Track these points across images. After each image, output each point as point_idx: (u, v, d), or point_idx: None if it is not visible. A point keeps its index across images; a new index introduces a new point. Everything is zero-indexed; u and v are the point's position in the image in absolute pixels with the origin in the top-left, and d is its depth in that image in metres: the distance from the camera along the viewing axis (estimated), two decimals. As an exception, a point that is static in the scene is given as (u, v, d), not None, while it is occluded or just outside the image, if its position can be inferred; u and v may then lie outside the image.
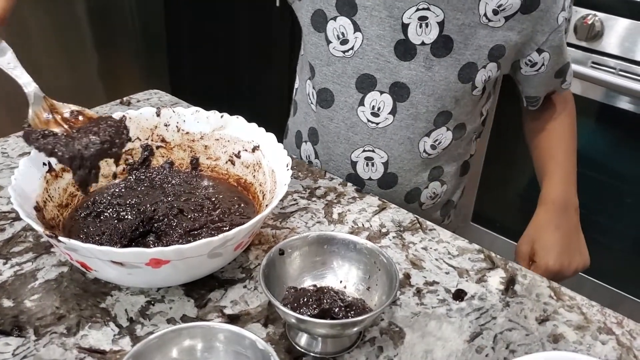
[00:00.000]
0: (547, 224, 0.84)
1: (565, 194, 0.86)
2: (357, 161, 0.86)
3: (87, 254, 0.55)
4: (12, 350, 0.56)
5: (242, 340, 0.50)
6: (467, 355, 0.59)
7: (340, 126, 0.85)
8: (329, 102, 0.84)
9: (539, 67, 0.83)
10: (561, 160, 0.88)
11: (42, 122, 0.62)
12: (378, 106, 0.81)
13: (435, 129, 0.83)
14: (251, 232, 0.62)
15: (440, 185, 0.91)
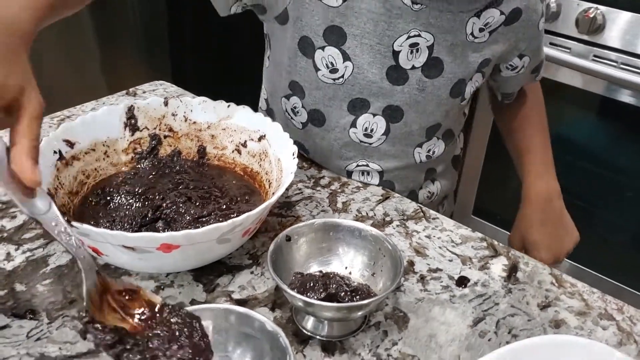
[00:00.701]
0: (533, 221, 0.87)
1: (546, 186, 0.88)
2: (352, 171, 0.85)
3: (99, 239, 0.56)
4: (26, 332, 0.57)
5: (251, 322, 0.52)
6: (471, 339, 0.60)
7: (333, 145, 0.83)
8: (320, 121, 0.82)
9: (519, 70, 0.84)
10: (538, 152, 0.91)
11: (95, 304, 0.48)
12: (371, 127, 0.80)
13: (427, 141, 0.84)
14: (258, 219, 0.63)
15: (433, 184, 0.92)
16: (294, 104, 0.83)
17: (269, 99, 0.89)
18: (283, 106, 0.85)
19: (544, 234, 0.86)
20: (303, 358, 0.57)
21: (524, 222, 0.88)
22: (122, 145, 0.75)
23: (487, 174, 1.77)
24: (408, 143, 0.83)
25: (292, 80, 0.81)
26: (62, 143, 0.68)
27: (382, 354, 0.58)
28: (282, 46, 0.80)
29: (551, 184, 0.89)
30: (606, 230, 1.57)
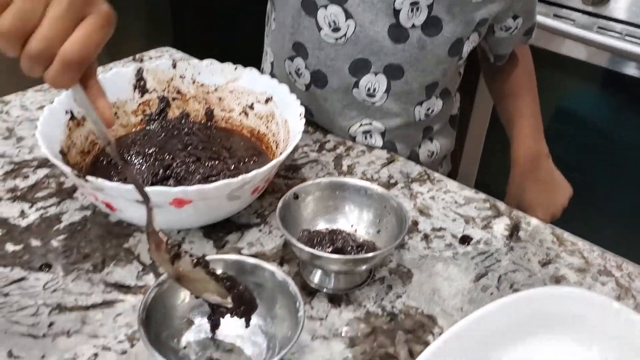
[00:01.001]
0: (524, 183, 0.90)
1: (534, 147, 0.91)
2: (356, 135, 0.87)
3: (113, 193, 0.58)
4: (43, 284, 0.59)
5: (261, 272, 0.53)
6: (473, 293, 0.62)
7: (336, 105, 0.85)
8: (323, 83, 0.83)
9: (513, 31, 0.86)
10: (527, 118, 0.93)
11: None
12: (373, 87, 0.82)
13: (426, 100, 0.86)
14: (267, 177, 0.64)
15: (432, 143, 0.94)
16: (297, 66, 0.84)
17: (274, 62, 0.90)
18: (287, 68, 0.86)
19: (536, 194, 0.89)
20: (311, 309, 0.59)
21: (516, 185, 0.91)
22: (131, 107, 0.76)
23: (489, 148, 1.78)
24: (408, 101, 0.84)
25: (295, 41, 0.82)
26: (73, 103, 0.69)
27: (387, 306, 0.60)
28: (286, 6, 0.82)
29: (539, 146, 0.91)
30: (607, 203, 1.58)
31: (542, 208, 0.88)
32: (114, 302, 0.58)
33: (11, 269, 0.61)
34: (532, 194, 0.89)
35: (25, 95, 0.91)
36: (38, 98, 0.90)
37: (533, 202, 0.89)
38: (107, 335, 0.55)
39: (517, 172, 0.92)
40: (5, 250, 0.63)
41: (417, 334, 0.57)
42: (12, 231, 0.65)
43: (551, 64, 1.52)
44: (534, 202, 0.89)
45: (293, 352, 0.54)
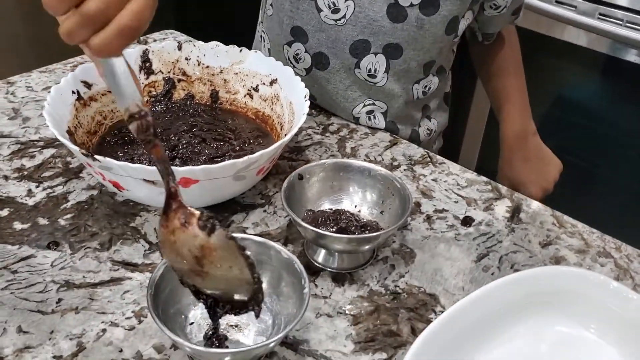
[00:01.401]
0: (514, 161, 0.92)
1: (522, 126, 0.93)
2: (359, 117, 0.87)
3: (120, 173, 0.58)
4: (51, 262, 0.60)
5: (267, 250, 0.54)
6: (474, 273, 0.63)
7: (339, 86, 0.85)
8: (324, 65, 0.84)
9: (502, 9, 0.87)
10: (514, 97, 0.95)
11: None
12: (374, 68, 0.82)
13: (424, 78, 0.87)
14: (272, 157, 0.65)
15: (430, 122, 0.96)
16: (296, 51, 0.85)
17: (271, 49, 0.91)
18: (285, 54, 0.86)
19: (527, 170, 0.91)
20: (315, 288, 0.60)
21: (507, 164, 0.93)
22: (137, 88, 0.76)
23: (490, 133, 1.78)
24: (407, 80, 0.86)
25: (294, 26, 0.83)
26: (80, 84, 0.70)
27: (390, 285, 0.61)
28: None
29: (526, 124, 0.93)
30: (607, 190, 1.60)
31: (534, 184, 0.90)
32: (122, 280, 0.59)
33: (19, 246, 0.62)
34: (523, 172, 0.91)
35: (31, 76, 0.91)
36: (43, 79, 0.90)
37: (524, 179, 0.91)
38: (115, 312, 0.56)
39: (506, 151, 0.94)
40: (13, 229, 0.64)
41: (419, 312, 0.58)
42: (20, 210, 0.66)
43: (552, 50, 1.52)
44: (525, 179, 0.91)
45: (297, 329, 0.55)
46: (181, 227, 0.47)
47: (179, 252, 0.48)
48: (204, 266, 0.48)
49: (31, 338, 0.53)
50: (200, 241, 0.47)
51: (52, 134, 0.60)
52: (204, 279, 0.49)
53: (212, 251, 0.47)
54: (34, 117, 0.81)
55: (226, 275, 0.48)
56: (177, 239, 0.47)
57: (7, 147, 0.75)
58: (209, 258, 0.47)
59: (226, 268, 0.48)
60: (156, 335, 0.54)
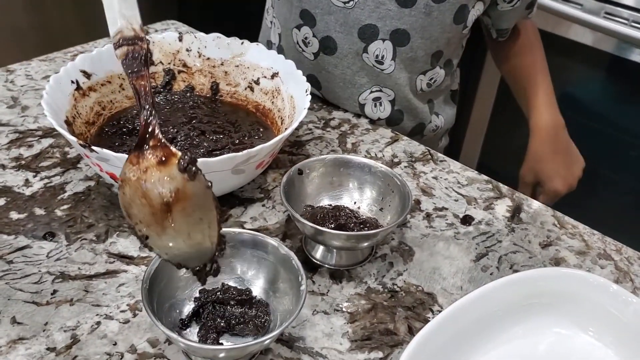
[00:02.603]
0: (544, 153, 0.90)
1: (552, 119, 0.91)
2: (365, 103, 0.87)
3: (117, 164, 0.58)
4: (46, 252, 0.60)
5: (265, 246, 0.54)
6: (473, 273, 0.63)
7: (346, 72, 0.85)
8: (332, 49, 0.84)
9: (515, 3, 0.87)
10: (541, 88, 0.93)
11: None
12: (382, 54, 0.82)
13: (431, 69, 0.87)
14: (272, 151, 0.64)
15: (437, 117, 0.96)
16: (305, 35, 0.84)
17: (282, 33, 0.90)
18: (294, 38, 0.86)
19: (556, 164, 0.90)
20: (312, 284, 0.59)
21: (536, 155, 0.91)
22: (137, 79, 0.76)
23: (492, 131, 1.78)
24: (414, 70, 0.85)
25: (303, 9, 0.82)
26: (79, 73, 0.69)
27: (388, 282, 0.60)
28: None
29: (556, 117, 0.92)
30: (610, 191, 1.59)
31: (561, 178, 0.89)
32: (117, 272, 0.59)
33: (15, 236, 0.61)
34: (552, 165, 0.90)
35: (31, 64, 0.90)
36: (43, 67, 0.90)
37: (552, 172, 0.90)
38: (110, 305, 0.55)
39: (536, 143, 0.91)
40: (9, 218, 0.63)
41: (416, 310, 0.58)
42: (17, 199, 0.66)
43: (557, 48, 1.51)
44: (553, 172, 0.90)
45: (294, 326, 0.55)
46: (157, 165, 0.42)
47: (146, 193, 0.43)
48: (172, 213, 0.43)
49: (25, 329, 0.52)
50: (177, 184, 0.42)
51: (50, 124, 0.59)
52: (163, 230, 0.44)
53: (187, 197, 0.42)
54: (32, 106, 0.81)
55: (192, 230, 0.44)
56: (147, 178, 0.42)
57: (5, 136, 0.75)
58: (181, 205, 0.43)
59: (196, 219, 0.43)
60: (151, 330, 0.53)
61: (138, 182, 0.43)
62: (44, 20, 1.86)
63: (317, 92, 0.90)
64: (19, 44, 1.76)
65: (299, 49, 0.86)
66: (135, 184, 0.43)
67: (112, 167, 0.59)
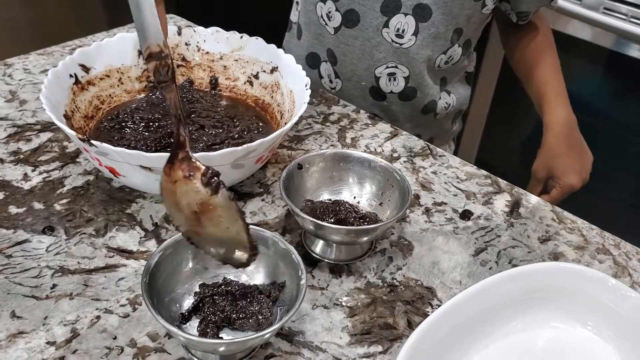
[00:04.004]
0: (559, 149, 0.91)
1: (567, 116, 0.92)
2: (380, 76, 0.90)
3: (117, 158, 0.58)
4: (45, 247, 0.60)
5: (265, 240, 0.54)
6: (472, 267, 0.63)
7: (365, 44, 0.88)
8: (354, 22, 0.87)
9: None
10: (556, 85, 0.95)
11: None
12: (403, 28, 0.85)
13: (451, 47, 0.89)
14: (271, 146, 0.64)
15: (448, 95, 0.98)
16: (328, 9, 0.87)
17: (301, 10, 0.93)
18: (318, 11, 0.89)
19: (572, 159, 0.91)
20: (312, 278, 0.59)
21: (551, 151, 0.92)
22: (135, 73, 0.76)
23: (491, 127, 1.78)
24: (434, 48, 0.88)
25: None
26: (77, 67, 0.69)
27: (387, 277, 0.60)
28: None
29: (570, 114, 0.93)
30: (608, 186, 1.59)
31: (576, 173, 0.90)
32: (117, 267, 0.59)
33: (14, 231, 0.61)
34: (566, 160, 0.91)
35: (29, 58, 0.90)
36: (41, 61, 0.89)
37: (567, 168, 0.90)
38: (110, 299, 0.55)
39: (550, 139, 0.92)
40: (8, 212, 0.63)
41: (416, 305, 0.58)
42: (15, 194, 0.66)
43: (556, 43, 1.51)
44: (567, 167, 0.90)
45: (294, 320, 0.55)
46: (184, 179, 0.46)
47: (179, 203, 0.47)
48: (202, 222, 0.47)
49: (25, 323, 0.52)
50: (202, 197, 0.46)
51: (49, 118, 0.59)
52: (198, 235, 0.49)
53: (212, 209, 0.46)
54: (31, 100, 0.80)
55: (222, 236, 0.48)
56: (178, 190, 0.46)
57: (4, 130, 0.75)
58: (208, 215, 0.46)
59: (223, 228, 0.47)
60: (150, 324, 0.53)
61: (171, 193, 0.47)
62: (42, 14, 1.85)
63: (332, 67, 0.92)
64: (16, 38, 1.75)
65: (322, 22, 0.90)
66: (168, 193, 0.48)
67: (111, 161, 0.59)
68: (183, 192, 0.46)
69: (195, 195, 0.46)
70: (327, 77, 0.96)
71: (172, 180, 0.47)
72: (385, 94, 0.92)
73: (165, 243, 0.52)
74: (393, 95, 0.92)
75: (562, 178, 0.90)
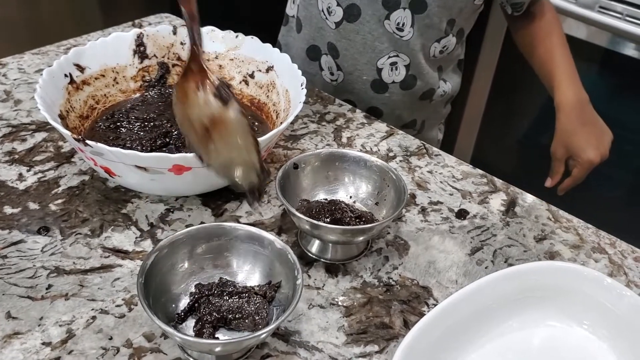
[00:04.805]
0: (573, 127, 0.91)
1: (577, 94, 0.92)
2: (382, 68, 0.92)
3: (112, 158, 0.57)
4: (41, 247, 0.60)
5: (261, 240, 0.54)
6: (468, 266, 0.63)
7: (367, 37, 0.89)
8: (356, 16, 0.88)
9: None
10: (564, 65, 0.94)
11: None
12: (402, 22, 0.87)
13: (445, 37, 0.91)
14: (267, 146, 0.64)
15: (445, 83, 1.00)
16: (329, 3, 0.89)
17: (302, 3, 0.93)
18: (319, 5, 0.90)
19: (587, 135, 0.91)
20: (308, 278, 0.59)
21: (565, 130, 0.92)
22: (131, 73, 0.75)
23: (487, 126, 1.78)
24: (429, 37, 0.89)
25: None
26: (72, 67, 0.69)
27: (383, 276, 0.60)
28: None
29: (580, 93, 0.93)
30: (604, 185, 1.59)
31: (593, 148, 0.90)
32: (112, 267, 0.58)
33: (9, 231, 0.61)
34: (582, 136, 0.91)
35: (23, 57, 0.90)
36: (36, 61, 0.89)
37: (583, 143, 0.90)
38: (105, 299, 0.55)
39: (563, 118, 0.92)
40: (3, 213, 0.63)
41: (412, 304, 0.58)
42: (10, 194, 0.65)
43: (551, 42, 1.51)
44: (584, 143, 0.90)
45: (290, 320, 0.55)
46: (195, 90, 0.46)
47: (190, 118, 0.46)
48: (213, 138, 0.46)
49: (20, 324, 0.52)
50: (213, 110, 0.45)
51: (44, 118, 0.59)
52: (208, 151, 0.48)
53: (223, 123, 0.45)
54: (25, 99, 0.80)
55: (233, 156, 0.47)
56: (190, 103, 0.46)
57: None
58: (219, 130, 0.46)
59: (234, 143, 0.46)
60: (146, 324, 0.53)
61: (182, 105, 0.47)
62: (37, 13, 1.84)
63: (334, 60, 0.93)
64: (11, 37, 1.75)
65: (323, 17, 0.90)
66: (179, 107, 0.47)
67: (106, 161, 0.59)
68: (195, 105, 0.46)
69: (206, 108, 0.45)
70: (327, 70, 0.96)
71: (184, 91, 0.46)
72: (387, 84, 0.93)
73: (160, 243, 0.52)
74: (395, 85, 0.93)
75: (580, 154, 0.90)
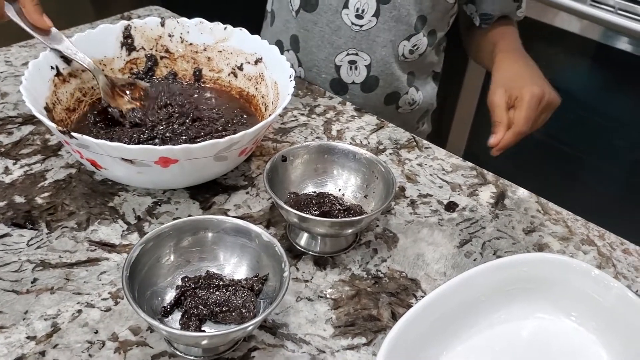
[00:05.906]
0: (515, 66, 0.83)
1: (520, 48, 0.88)
2: (341, 65, 0.89)
3: (98, 151, 0.57)
4: (27, 240, 0.59)
5: (248, 233, 0.53)
6: (457, 259, 0.63)
7: (325, 30, 0.87)
8: (313, 5, 0.86)
9: None
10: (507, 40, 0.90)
11: (108, 95, 0.69)
12: (362, 8, 0.84)
13: (415, 34, 0.88)
14: (255, 138, 0.64)
15: (416, 92, 0.96)
16: None
17: None
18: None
19: (530, 72, 0.82)
20: (296, 271, 0.59)
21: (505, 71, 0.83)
22: (118, 65, 0.75)
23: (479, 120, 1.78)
24: (396, 33, 0.86)
25: None
26: (59, 59, 0.68)
27: (372, 269, 0.60)
28: None
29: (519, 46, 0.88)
30: (594, 178, 1.60)
31: (536, 85, 0.76)
32: (98, 260, 0.58)
33: (-5, 224, 0.60)
34: (527, 73, 0.81)
35: (10, 50, 0.89)
36: (23, 54, 0.88)
37: (527, 78, 0.79)
38: (91, 293, 0.55)
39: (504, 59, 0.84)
40: (-12, 206, 0.62)
41: (400, 296, 0.58)
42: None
43: (544, 36, 1.51)
44: (527, 78, 0.79)
45: (277, 313, 0.55)
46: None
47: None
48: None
49: (4, 318, 0.52)
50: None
51: (30, 111, 0.58)
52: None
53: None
54: (12, 92, 0.79)
55: None
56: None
57: (-16, 123, 0.74)
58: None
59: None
60: (132, 317, 0.53)
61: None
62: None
63: (295, 54, 0.91)
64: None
65: (290, 8, 0.89)
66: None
67: (92, 153, 0.58)
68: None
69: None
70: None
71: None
72: (347, 84, 0.91)
73: (146, 236, 0.51)
74: (355, 87, 0.91)
75: (522, 90, 0.75)
